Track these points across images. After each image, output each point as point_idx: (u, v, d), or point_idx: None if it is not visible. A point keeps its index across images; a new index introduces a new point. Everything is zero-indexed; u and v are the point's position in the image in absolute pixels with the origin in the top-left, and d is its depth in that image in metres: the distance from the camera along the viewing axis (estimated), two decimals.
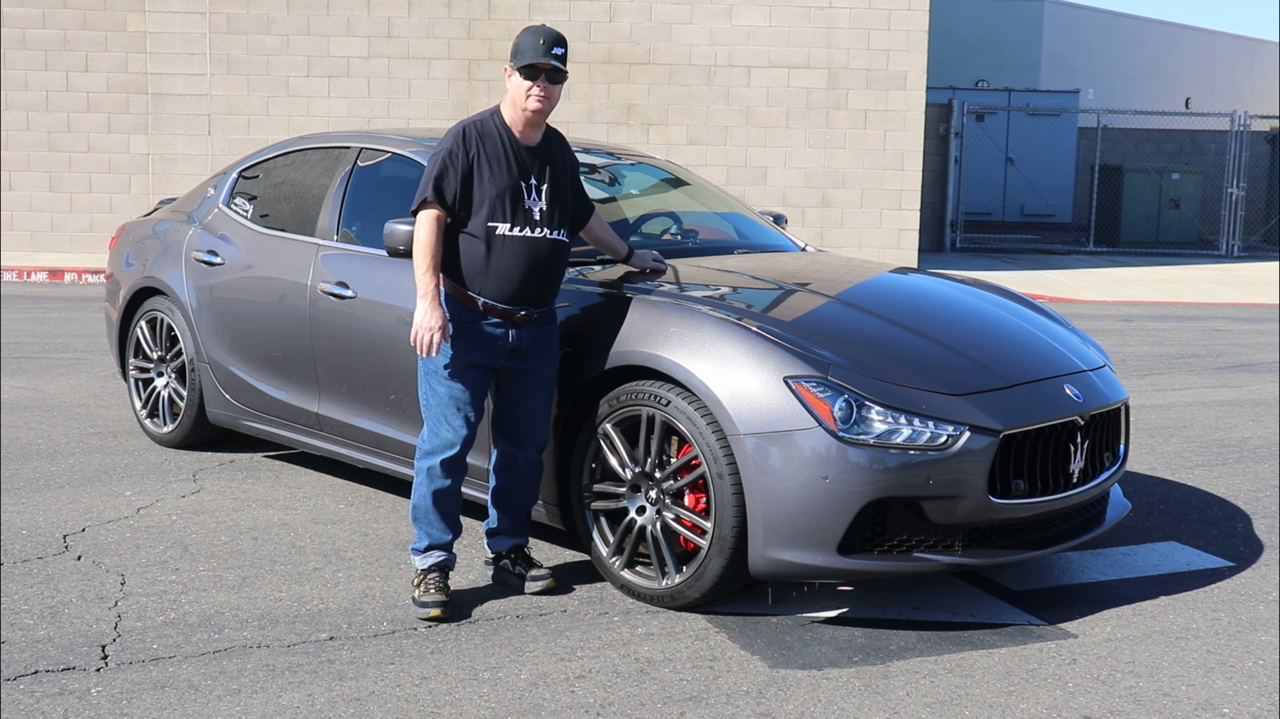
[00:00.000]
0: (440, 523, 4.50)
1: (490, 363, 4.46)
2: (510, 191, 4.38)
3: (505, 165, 4.39)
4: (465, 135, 4.40)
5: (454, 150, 4.38)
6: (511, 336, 4.43)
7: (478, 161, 4.38)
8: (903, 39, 15.82)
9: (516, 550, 4.70)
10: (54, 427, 6.93)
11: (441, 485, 4.47)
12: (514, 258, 4.38)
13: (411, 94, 15.56)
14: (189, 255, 6.35)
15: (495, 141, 4.41)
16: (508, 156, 4.41)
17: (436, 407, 4.45)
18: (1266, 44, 39.20)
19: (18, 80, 15.65)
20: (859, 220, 16.14)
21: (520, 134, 4.45)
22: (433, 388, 4.45)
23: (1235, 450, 7.04)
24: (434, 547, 4.49)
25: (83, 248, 15.81)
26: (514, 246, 4.39)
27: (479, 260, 4.38)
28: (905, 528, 4.23)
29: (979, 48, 29.85)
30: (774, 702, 3.77)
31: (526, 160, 4.44)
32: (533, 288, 4.43)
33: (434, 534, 4.49)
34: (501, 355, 4.45)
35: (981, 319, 5.05)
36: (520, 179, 4.41)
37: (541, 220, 4.43)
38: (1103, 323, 12.48)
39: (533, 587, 4.59)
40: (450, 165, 4.37)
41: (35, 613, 4.30)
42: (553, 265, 4.49)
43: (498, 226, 4.37)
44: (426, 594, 4.38)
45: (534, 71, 4.36)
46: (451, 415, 4.43)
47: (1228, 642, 4.32)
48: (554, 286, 4.53)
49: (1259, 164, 21.80)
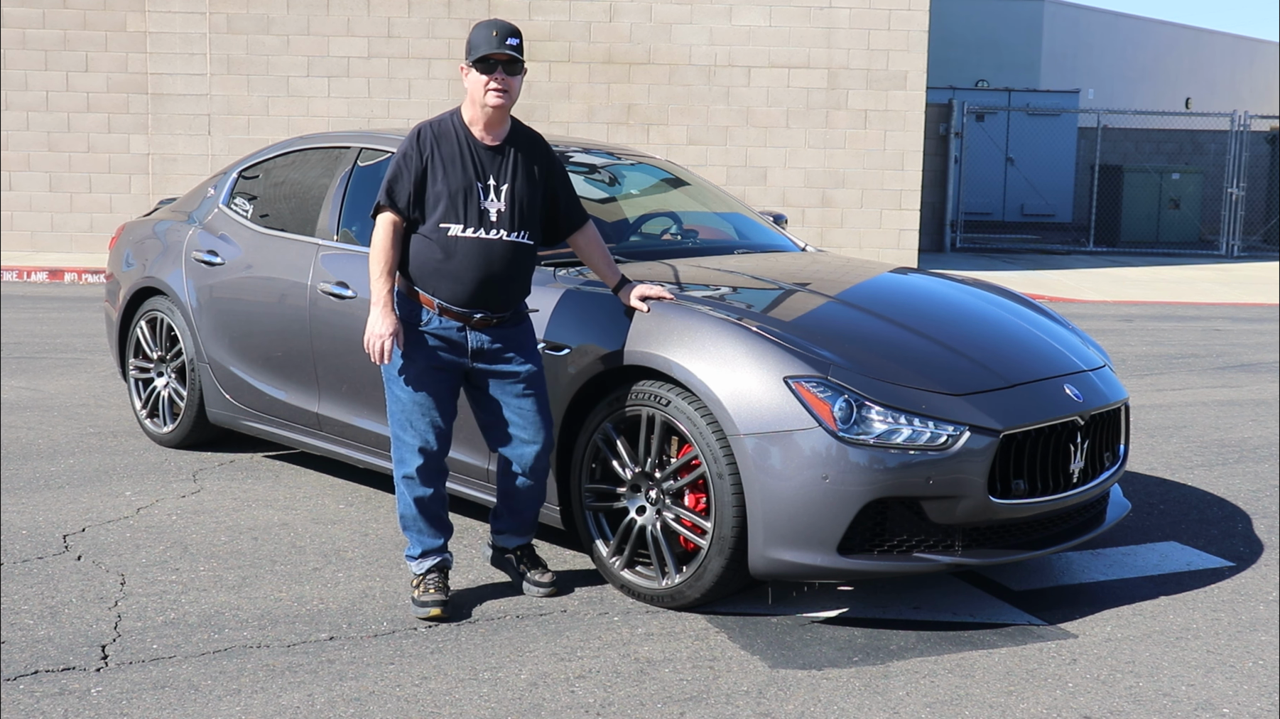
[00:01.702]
0: (429, 528, 4.46)
1: (455, 365, 4.38)
2: (464, 192, 4.27)
3: (460, 165, 4.29)
4: (420, 137, 4.31)
5: (408, 153, 4.30)
6: (471, 339, 4.35)
7: (432, 162, 4.28)
8: (903, 39, 15.82)
9: (522, 548, 4.68)
10: (54, 427, 6.93)
11: (422, 494, 4.42)
12: (467, 260, 4.28)
13: (411, 94, 15.56)
14: (189, 255, 6.35)
15: (452, 142, 4.31)
16: (464, 156, 4.30)
17: (400, 414, 4.38)
18: (1266, 44, 39.21)
19: (18, 80, 15.65)
20: (859, 220, 16.14)
21: (481, 133, 4.33)
22: (395, 395, 4.38)
23: (1235, 450, 7.04)
24: (428, 552, 4.47)
25: (83, 248, 15.81)
26: (467, 248, 4.28)
27: (432, 262, 4.29)
28: (905, 528, 4.23)
29: (979, 48, 29.85)
30: (774, 702, 3.77)
31: (485, 160, 4.32)
32: (488, 291, 4.32)
33: (424, 541, 4.47)
34: (465, 357, 4.37)
35: (981, 319, 5.05)
36: (476, 179, 4.29)
37: (499, 221, 4.30)
38: (1103, 323, 12.48)
39: (534, 591, 4.56)
40: (404, 168, 4.29)
41: (35, 613, 4.30)
42: (512, 269, 4.35)
43: (450, 227, 4.27)
44: (426, 594, 4.37)
45: (489, 64, 4.23)
46: (416, 420, 4.36)
47: (1228, 642, 4.32)
48: (514, 290, 4.39)
49: (1259, 164, 21.81)
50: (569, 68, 15.65)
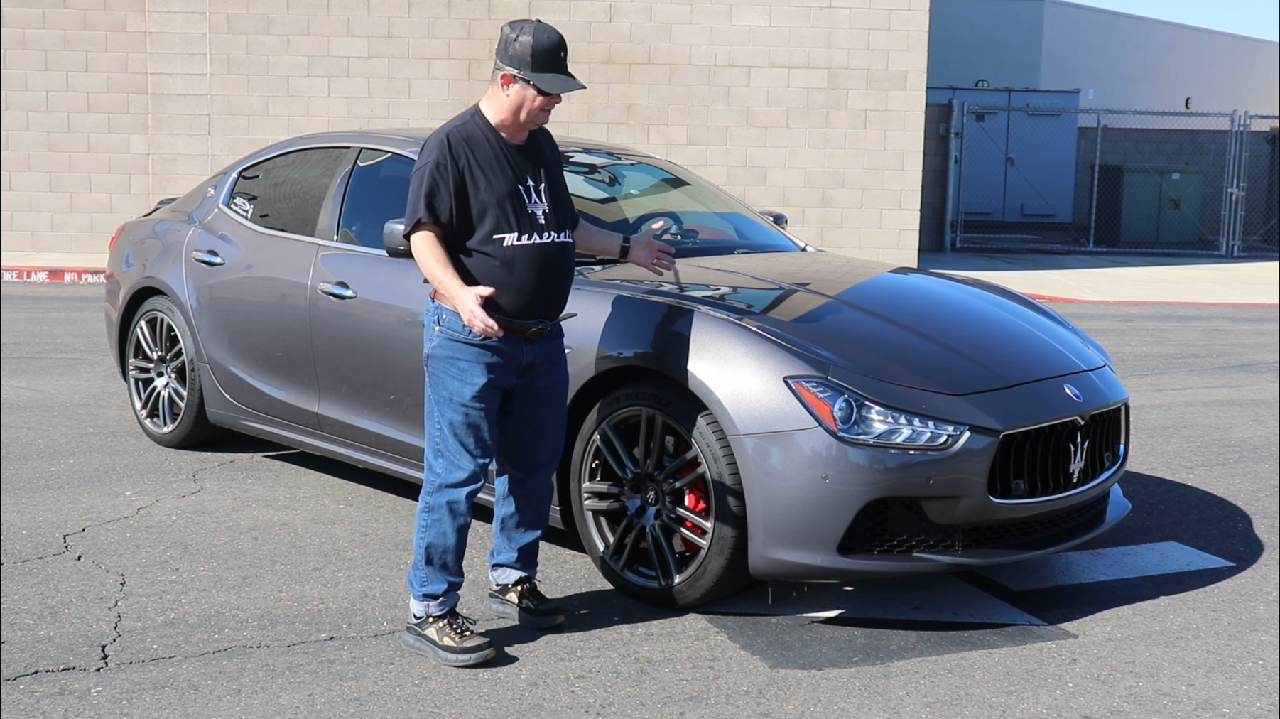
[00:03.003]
0: (457, 561, 4.12)
1: (504, 383, 4.10)
2: (511, 197, 4.02)
3: (500, 170, 4.02)
4: (450, 144, 4.00)
5: (441, 162, 3.98)
6: (524, 354, 4.10)
7: (469, 171, 3.99)
8: (903, 39, 15.82)
9: (524, 583, 4.37)
10: (54, 427, 6.93)
11: (465, 522, 4.10)
12: (526, 269, 4.03)
13: (411, 94, 15.55)
14: (189, 255, 6.35)
15: (484, 146, 4.03)
16: (500, 160, 4.04)
17: (454, 437, 4.04)
18: (1266, 44, 39.21)
19: (18, 80, 15.65)
20: (859, 220, 16.14)
21: (509, 134, 4.09)
22: (448, 417, 4.05)
23: (1235, 450, 7.04)
24: (454, 587, 4.11)
25: (83, 248, 15.80)
26: (525, 256, 4.02)
27: (490, 276, 3.99)
28: (905, 528, 4.23)
29: (979, 48, 29.85)
30: (774, 702, 3.77)
31: (520, 162, 4.08)
32: (547, 298, 4.10)
33: (450, 577, 4.10)
34: (514, 374, 4.12)
35: (981, 319, 5.05)
36: (517, 182, 4.05)
37: (547, 224, 4.09)
38: (1103, 323, 12.48)
39: (543, 622, 4.27)
40: (440, 179, 3.97)
41: (35, 613, 4.30)
42: (565, 271, 4.17)
43: (505, 237, 4.00)
44: (467, 639, 4.01)
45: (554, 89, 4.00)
46: (474, 444, 4.05)
47: (1228, 642, 4.32)
48: (566, 294, 4.21)
49: (1259, 164, 21.80)
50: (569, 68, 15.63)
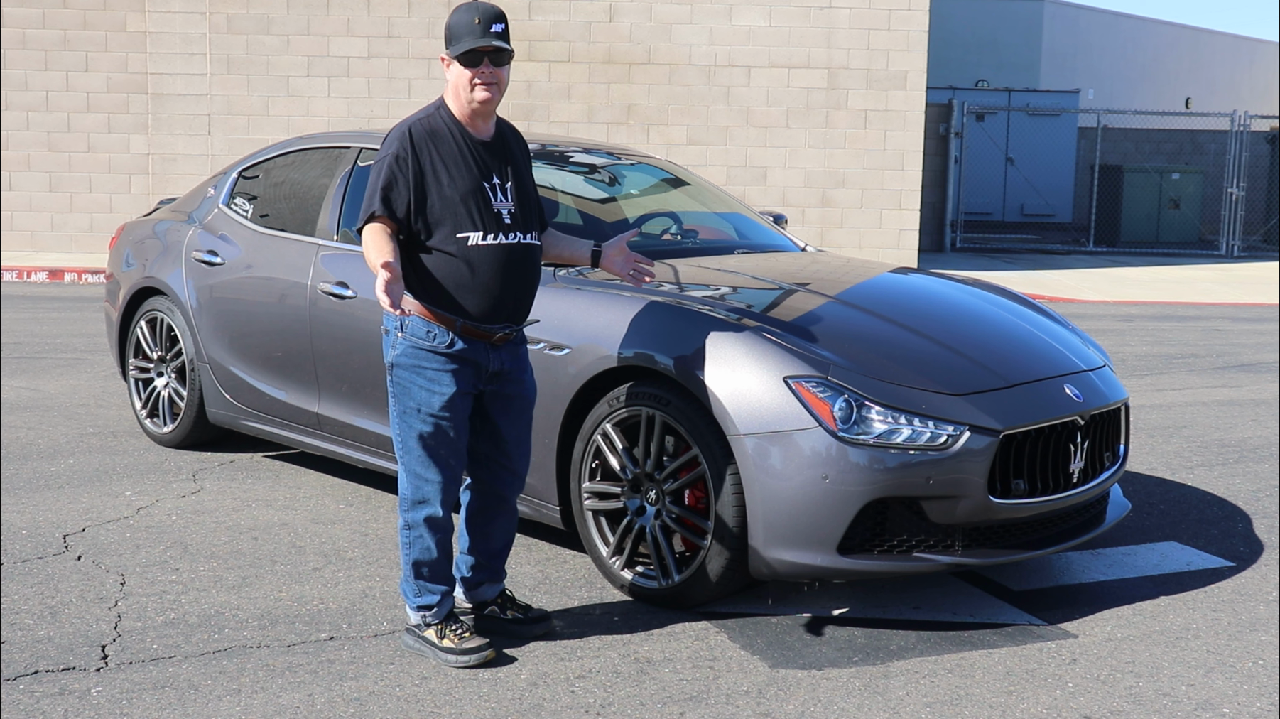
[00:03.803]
0: (446, 566, 4.03)
1: (472, 389, 3.96)
2: (475, 195, 3.85)
3: (464, 166, 3.86)
4: (413, 136, 3.84)
5: (400, 155, 3.81)
6: (491, 360, 3.96)
7: (431, 165, 3.82)
8: (903, 39, 15.82)
9: (502, 596, 4.26)
10: (54, 427, 6.93)
11: (445, 535, 4.00)
12: (491, 270, 3.87)
13: (411, 94, 15.55)
14: (189, 255, 6.35)
15: (448, 141, 3.87)
16: (464, 156, 3.87)
17: (421, 451, 3.90)
18: (1266, 44, 39.23)
19: (18, 80, 15.65)
20: (859, 220, 16.14)
21: (472, 128, 3.93)
22: (416, 429, 3.90)
23: (1235, 450, 7.04)
24: (446, 594, 4.03)
25: (83, 248, 15.81)
26: (489, 257, 3.86)
27: (453, 277, 3.84)
28: (905, 528, 4.23)
29: (979, 48, 29.87)
30: (774, 702, 3.77)
31: (485, 159, 3.91)
32: (513, 301, 3.95)
33: (439, 587, 4.01)
34: (482, 380, 3.98)
35: (981, 319, 5.05)
36: (483, 179, 3.88)
37: (513, 224, 3.92)
38: (1103, 323, 12.48)
39: (535, 629, 4.17)
40: (399, 172, 3.80)
41: (35, 613, 4.30)
42: (532, 274, 4.01)
43: (468, 236, 3.84)
44: (466, 640, 3.95)
45: (475, 57, 3.82)
46: (446, 455, 3.93)
47: (1228, 642, 4.32)
48: (532, 298, 4.06)
49: (1259, 164, 21.81)
50: (569, 68, 15.65)
